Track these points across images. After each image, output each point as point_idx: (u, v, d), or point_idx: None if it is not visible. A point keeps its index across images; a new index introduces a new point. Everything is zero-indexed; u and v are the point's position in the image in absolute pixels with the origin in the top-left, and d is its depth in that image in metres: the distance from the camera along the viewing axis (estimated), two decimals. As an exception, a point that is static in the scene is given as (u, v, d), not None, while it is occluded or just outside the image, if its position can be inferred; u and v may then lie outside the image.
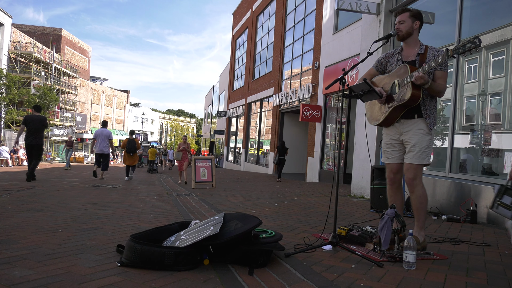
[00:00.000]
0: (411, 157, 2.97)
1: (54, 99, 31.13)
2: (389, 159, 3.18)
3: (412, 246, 2.50)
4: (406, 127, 3.01)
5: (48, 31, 41.40)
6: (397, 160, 3.12)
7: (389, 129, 3.14)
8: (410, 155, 2.97)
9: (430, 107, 2.98)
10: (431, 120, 2.97)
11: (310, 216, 4.96)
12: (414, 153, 2.94)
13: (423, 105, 2.96)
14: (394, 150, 3.13)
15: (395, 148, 3.12)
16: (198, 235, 2.55)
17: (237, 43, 29.02)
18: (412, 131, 2.97)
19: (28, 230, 3.41)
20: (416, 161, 2.94)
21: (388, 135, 3.17)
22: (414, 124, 2.97)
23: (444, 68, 2.95)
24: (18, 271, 2.22)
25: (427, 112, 2.96)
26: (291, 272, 2.41)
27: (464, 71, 5.90)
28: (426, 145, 2.94)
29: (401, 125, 3.04)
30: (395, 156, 3.13)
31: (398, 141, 3.09)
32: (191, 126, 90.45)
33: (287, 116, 18.21)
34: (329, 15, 13.25)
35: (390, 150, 3.16)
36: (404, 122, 3.02)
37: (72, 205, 5.27)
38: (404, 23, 3.05)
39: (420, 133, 2.95)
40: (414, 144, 2.95)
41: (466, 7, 5.68)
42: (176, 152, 12.21)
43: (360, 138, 7.71)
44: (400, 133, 3.05)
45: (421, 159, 2.93)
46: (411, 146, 2.97)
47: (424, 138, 2.94)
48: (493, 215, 4.62)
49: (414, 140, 2.95)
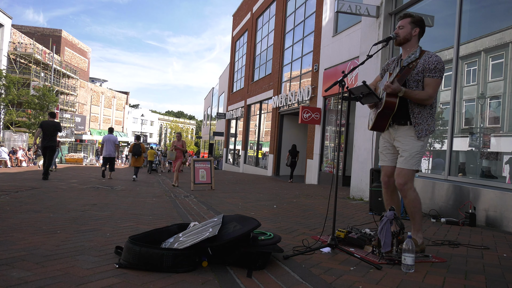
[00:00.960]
0: (401, 162, 2.98)
1: (53, 100, 31.16)
2: (383, 162, 3.20)
3: (411, 249, 2.50)
4: (398, 133, 3.03)
5: (48, 32, 41.43)
6: (391, 163, 3.13)
7: (385, 133, 3.17)
8: (401, 160, 2.99)
9: (422, 114, 2.94)
10: (422, 127, 2.93)
11: (309, 218, 4.96)
12: (404, 157, 2.96)
13: (412, 113, 2.95)
14: (388, 153, 3.16)
15: (390, 151, 3.15)
16: (197, 237, 2.55)
17: (236, 45, 29.05)
18: (403, 137, 2.99)
19: (27, 231, 3.41)
20: (406, 166, 2.95)
21: (383, 138, 3.20)
22: (405, 131, 2.99)
23: (433, 75, 2.88)
24: (16, 273, 2.21)
25: (416, 120, 2.94)
26: (289, 274, 2.41)
27: (463, 74, 5.92)
28: (417, 151, 2.94)
29: (395, 131, 3.06)
30: (390, 159, 3.15)
31: (392, 145, 3.12)
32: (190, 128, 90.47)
33: (286, 118, 18.22)
34: (329, 17, 13.28)
35: (385, 153, 3.19)
36: (398, 128, 3.03)
37: (70, 206, 5.26)
38: (403, 29, 3.05)
39: (411, 139, 2.95)
40: (405, 149, 2.96)
41: (465, 11, 5.70)
42: (169, 152, 11.38)
43: (359, 140, 7.72)
44: (393, 138, 3.08)
45: (411, 164, 2.94)
46: (402, 151, 2.99)
47: (415, 144, 2.94)
48: (492, 218, 4.62)
49: (405, 146, 2.97)
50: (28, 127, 30.53)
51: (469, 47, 5.83)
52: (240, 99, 25.58)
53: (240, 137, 25.60)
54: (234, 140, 27.52)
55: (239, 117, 25.82)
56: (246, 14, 25.86)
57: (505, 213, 4.45)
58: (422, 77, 2.93)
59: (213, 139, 37.71)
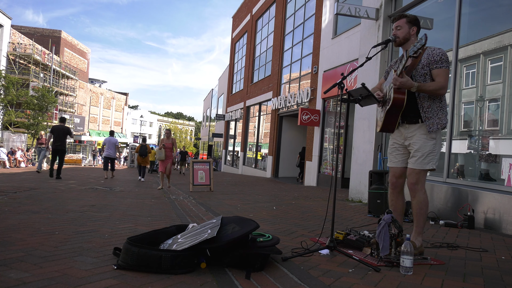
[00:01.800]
0: (413, 162, 2.96)
1: (52, 101, 31.13)
2: (393, 163, 3.17)
3: (410, 251, 2.50)
4: (410, 132, 3.00)
5: (47, 33, 41.44)
6: (401, 164, 3.11)
7: (395, 133, 3.14)
8: (413, 160, 2.97)
9: (432, 108, 2.92)
10: (434, 121, 2.90)
11: (308, 220, 4.96)
12: (417, 157, 2.94)
13: (421, 107, 2.93)
14: (398, 154, 3.13)
15: (399, 152, 3.12)
16: (196, 238, 2.54)
17: (236, 47, 29.07)
18: (416, 136, 2.96)
19: (25, 232, 3.40)
20: (418, 166, 2.93)
21: (393, 139, 3.17)
22: (417, 129, 2.96)
23: (441, 66, 2.88)
24: (14, 274, 2.21)
25: (426, 114, 2.92)
26: (288, 276, 2.41)
27: (462, 77, 5.93)
28: (430, 150, 2.91)
29: (406, 130, 3.02)
30: (399, 160, 3.12)
31: (402, 145, 3.09)
32: (189, 129, 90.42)
33: (285, 120, 18.22)
34: (328, 19, 13.30)
35: (394, 154, 3.16)
36: (409, 127, 3.00)
37: (69, 207, 5.25)
38: (401, 29, 3.06)
39: (423, 137, 2.93)
40: (417, 149, 2.94)
41: (464, 14, 5.71)
42: (157, 150, 10.13)
43: (358, 142, 7.72)
44: (404, 137, 3.05)
45: (424, 164, 2.92)
46: (414, 150, 2.96)
47: (427, 143, 2.92)
48: (490, 220, 4.62)
49: (418, 145, 2.94)
50: (27, 128, 30.50)
51: (468, 49, 5.85)
52: (240, 101, 25.58)
53: (239, 138, 25.59)
54: (233, 142, 27.51)
55: (238, 119, 25.81)
56: (246, 15, 25.88)
57: (504, 215, 4.46)
58: (428, 70, 2.92)
59: (212, 140, 37.70)
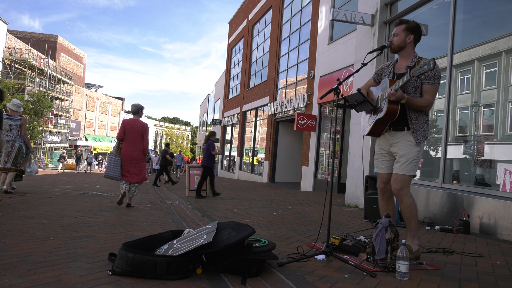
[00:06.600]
0: (398, 167, 2.99)
1: (48, 105, 31.06)
2: (379, 169, 3.20)
3: (405, 256, 2.50)
4: (395, 139, 3.03)
5: (43, 38, 41.39)
6: (387, 170, 3.14)
7: (380, 139, 3.17)
8: (398, 165, 3.00)
9: (419, 120, 2.97)
10: (419, 133, 2.96)
11: (304, 225, 4.96)
12: (401, 163, 2.97)
13: (410, 119, 2.97)
14: (384, 160, 3.16)
15: (385, 158, 3.15)
16: (191, 243, 2.53)
17: (232, 52, 29.15)
18: (401, 143, 2.99)
19: (19, 237, 3.37)
20: (402, 171, 2.96)
21: (380, 145, 3.20)
22: (403, 136, 3.00)
23: (432, 82, 2.91)
24: (8, 279, 2.19)
25: (414, 126, 2.96)
26: (284, 281, 2.40)
27: (457, 83, 5.97)
28: (414, 157, 2.95)
29: (391, 136, 3.06)
30: (385, 166, 3.15)
31: (388, 152, 3.12)
32: (186, 134, 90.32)
33: (282, 125, 18.26)
34: (324, 25, 13.39)
35: (380, 160, 3.19)
36: (394, 133, 3.04)
37: (64, 212, 5.22)
38: (397, 37, 3.07)
39: (409, 144, 2.96)
40: (403, 154, 2.97)
41: (459, 20, 5.77)
42: None
43: (354, 147, 7.74)
44: (390, 144, 3.08)
45: (408, 170, 2.95)
46: (399, 156, 3.00)
47: (412, 150, 2.96)
48: (486, 225, 4.64)
49: (403, 151, 2.97)
50: (23, 133, 30.31)
51: (462, 55, 5.90)
52: (236, 106, 25.61)
53: (235, 143, 25.59)
54: (229, 147, 27.50)
55: (235, 124, 25.83)
56: (242, 21, 25.99)
57: (499, 221, 4.47)
58: (420, 83, 2.95)
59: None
